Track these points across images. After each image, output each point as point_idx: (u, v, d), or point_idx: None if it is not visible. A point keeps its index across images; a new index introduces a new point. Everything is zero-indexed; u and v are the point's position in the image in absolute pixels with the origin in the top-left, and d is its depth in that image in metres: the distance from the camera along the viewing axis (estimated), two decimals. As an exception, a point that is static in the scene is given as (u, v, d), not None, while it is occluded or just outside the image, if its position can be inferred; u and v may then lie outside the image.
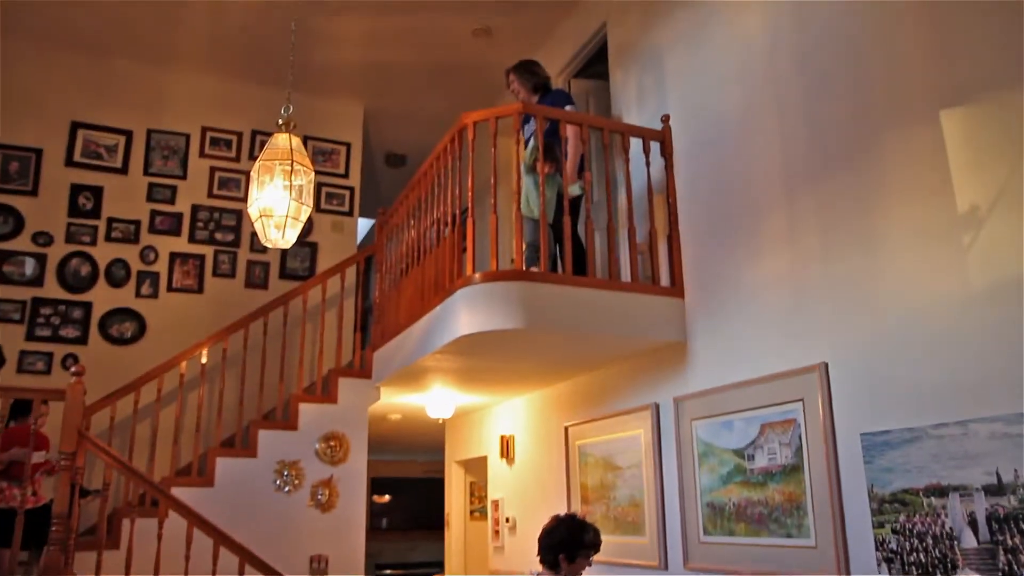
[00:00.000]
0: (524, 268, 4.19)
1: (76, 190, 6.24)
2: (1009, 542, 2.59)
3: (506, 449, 6.17)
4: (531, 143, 4.48)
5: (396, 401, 6.13)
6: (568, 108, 4.78)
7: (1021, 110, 2.70)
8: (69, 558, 4.01)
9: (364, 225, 8.86)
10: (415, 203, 5.17)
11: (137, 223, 6.38)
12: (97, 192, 6.30)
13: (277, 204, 3.69)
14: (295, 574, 5.13)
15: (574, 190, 4.52)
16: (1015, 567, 2.56)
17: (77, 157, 6.31)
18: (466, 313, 4.03)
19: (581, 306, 4.05)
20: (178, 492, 4.81)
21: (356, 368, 5.90)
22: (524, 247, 4.27)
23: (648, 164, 4.45)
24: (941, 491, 2.82)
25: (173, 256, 6.43)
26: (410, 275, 5.12)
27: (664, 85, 4.74)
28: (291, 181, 3.71)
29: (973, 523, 2.71)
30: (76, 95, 6.38)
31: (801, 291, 3.55)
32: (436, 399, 5.92)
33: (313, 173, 3.86)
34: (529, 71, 5.19)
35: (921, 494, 2.89)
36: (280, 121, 3.84)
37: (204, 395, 5.53)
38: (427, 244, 4.84)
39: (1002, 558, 2.60)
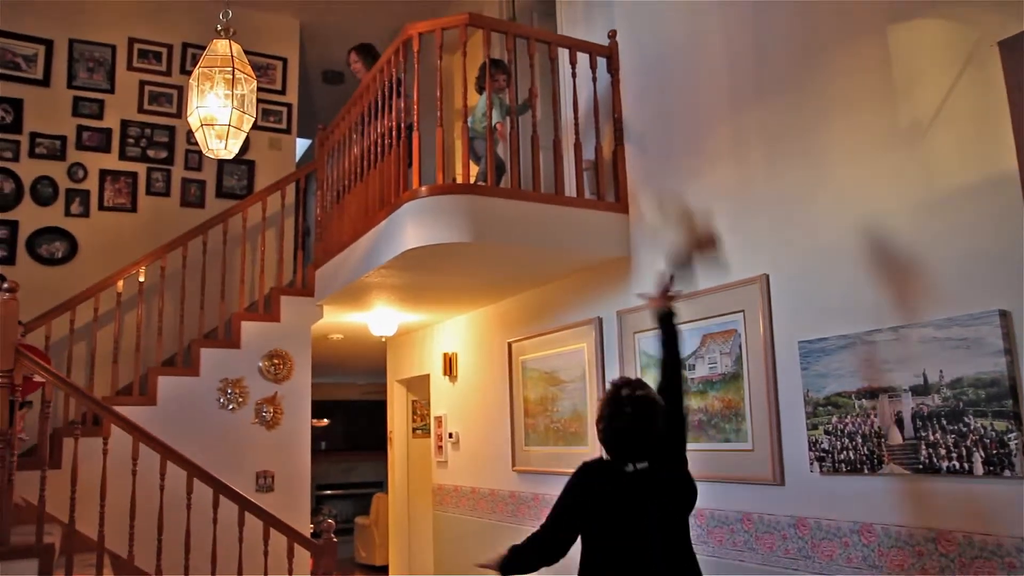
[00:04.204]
0: (494, 183, 4.19)
1: (-6, 102, 5.94)
2: (931, 437, 2.77)
3: (449, 366, 6.25)
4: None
5: (338, 320, 6.12)
6: None
7: (966, 24, 2.78)
8: (10, 476, 3.95)
9: (301, 145, 8.66)
10: (357, 118, 5.07)
11: (63, 139, 6.10)
12: (17, 105, 5.99)
13: (219, 113, 3.59)
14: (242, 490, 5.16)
15: (520, 109, 4.50)
16: (935, 459, 2.75)
17: (-6, 67, 5.98)
18: (412, 227, 4.02)
19: (527, 221, 4.08)
20: (120, 411, 4.73)
21: (298, 287, 5.86)
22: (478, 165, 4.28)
23: (595, 80, 4.44)
24: (872, 393, 2.99)
25: (103, 173, 6.19)
26: (353, 191, 5.06)
27: (611, 1, 4.70)
28: (233, 90, 3.60)
29: (900, 422, 2.88)
30: (-10, 0, 6.01)
31: (744, 205, 3.63)
32: (379, 317, 5.93)
33: (255, 82, 3.75)
34: (370, 54, 5.91)
35: (853, 396, 3.05)
36: (219, 27, 3.69)
37: (143, 315, 5.43)
38: (371, 159, 4.77)
39: (924, 452, 2.79)
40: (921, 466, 2.79)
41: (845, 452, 3.07)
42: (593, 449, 4.50)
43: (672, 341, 2.82)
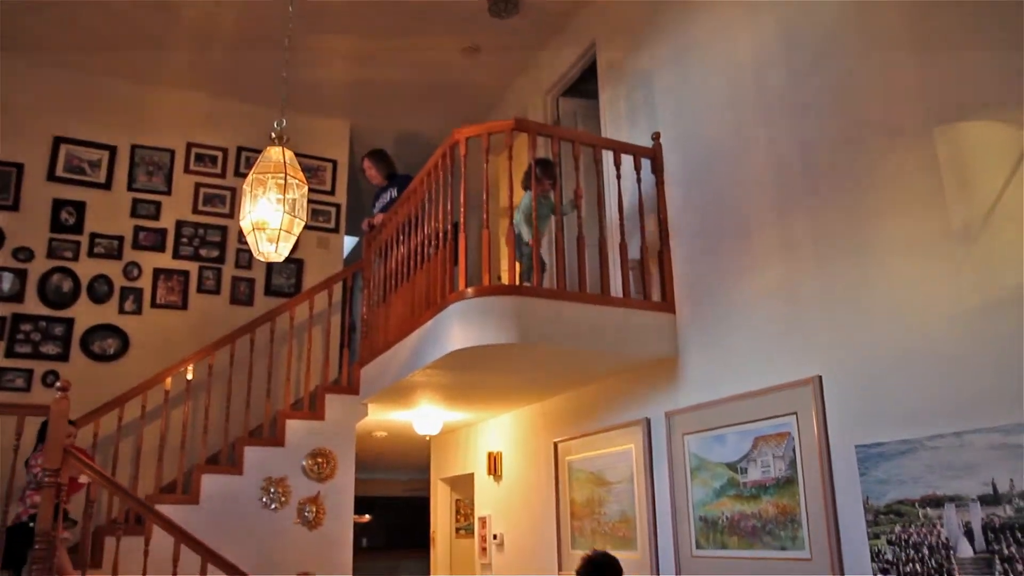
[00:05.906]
0: (536, 282, 4.24)
1: (58, 205, 6.17)
2: (1005, 551, 2.62)
3: (494, 466, 6.15)
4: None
5: (383, 418, 6.09)
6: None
7: (1013, 126, 2.76)
8: (52, 577, 3.93)
9: (348, 242, 8.83)
10: (404, 219, 5.16)
11: (120, 239, 6.32)
12: (80, 207, 6.24)
13: (270, 217, 3.67)
14: (282, 593, 5.07)
15: (565, 209, 4.55)
16: (1010, 575, 2.59)
17: (60, 172, 6.24)
18: (458, 328, 4.02)
19: (573, 321, 4.05)
20: (163, 510, 4.73)
21: (343, 384, 5.86)
22: (521, 262, 4.31)
23: (639, 181, 4.48)
24: (937, 502, 2.85)
25: (157, 272, 6.36)
26: (400, 291, 5.10)
27: (654, 104, 4.79)
28: (284, 195, 3.69)
29: (969, 533, 2.74)
30: (60, 110, 6.32)
31: (793, 305, 3.58)
32: (424, 415, 5.89)
33: (306, 187, 3.84)
34: (383, 160, 6.51)
35: (917, 505, 2.92)
36: (273, 135, 3.82)
37: (189, 412, 5.46)
38: (417, 260, 4.83)
39: (998, 567, 2.63)
40: (995, 582, 2.63)
41: (911, 564, 2.91)
42: (642, 555, 4.35)
43: None
